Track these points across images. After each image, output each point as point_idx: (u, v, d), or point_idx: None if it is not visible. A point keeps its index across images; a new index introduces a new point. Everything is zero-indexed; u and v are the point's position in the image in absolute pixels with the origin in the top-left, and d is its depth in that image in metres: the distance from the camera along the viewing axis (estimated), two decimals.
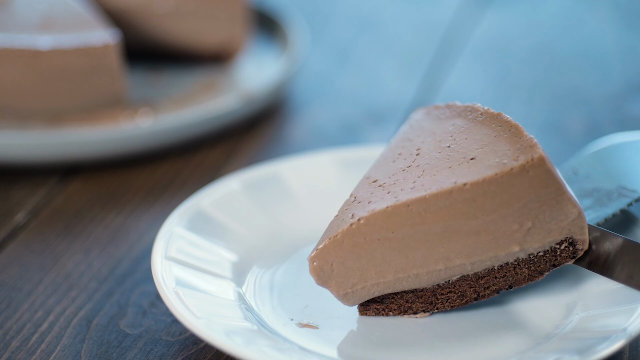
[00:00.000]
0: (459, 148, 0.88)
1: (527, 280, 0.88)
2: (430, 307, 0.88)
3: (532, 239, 0.86)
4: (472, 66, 1.50)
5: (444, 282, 0.87)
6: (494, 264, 0.87)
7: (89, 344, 0.89)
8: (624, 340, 0.80)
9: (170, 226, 0.94)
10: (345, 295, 0.86)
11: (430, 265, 0.86)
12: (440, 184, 0.84)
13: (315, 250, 0.85)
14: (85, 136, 1.17)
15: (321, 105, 1.38)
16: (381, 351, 0.84)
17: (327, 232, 0.86)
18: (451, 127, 0.91)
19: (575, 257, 0.87)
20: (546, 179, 0.84)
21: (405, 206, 0.84)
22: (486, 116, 0.89)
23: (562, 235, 0.86)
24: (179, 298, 0.85)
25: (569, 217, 0.85)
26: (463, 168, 0.85)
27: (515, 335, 0.85)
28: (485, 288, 0.88)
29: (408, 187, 0.85)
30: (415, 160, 0.89)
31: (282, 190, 1.03)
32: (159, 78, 1.37)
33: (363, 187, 0.89)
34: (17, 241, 1.06)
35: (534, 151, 0.83)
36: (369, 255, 0.85)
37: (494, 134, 0.87)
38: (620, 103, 1.38)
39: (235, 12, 1.38)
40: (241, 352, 0.79)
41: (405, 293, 0.87)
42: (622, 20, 1.65)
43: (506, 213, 0.85)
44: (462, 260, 0.86)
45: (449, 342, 0.85)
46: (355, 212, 0.85)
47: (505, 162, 0.84)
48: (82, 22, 1.25)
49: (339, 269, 0.85)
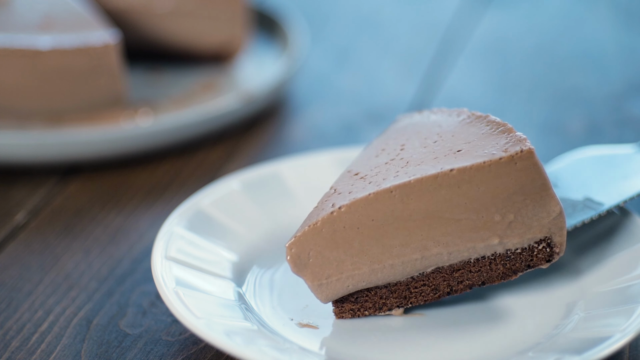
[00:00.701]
0: (445, 143, 0.88)
1: (501, 278, 0.88)
2: (404, 301, 0.88)
3: (512, 233, 0.86)
4: (472, 66, 1.50)
5: (418, 274, 0.87)
6: (471, 255, 0.87)
7: (89, 344, 0.89)
8: (624, 340, 0.80)
9: (170, 226, 0.94)
10: (319, 286, 0.86)
11: (407, 254, 0.86)
12: (425, 171, 0.84)
13: (294, 237, 0.85)
14: (85, 136, 1.17)
15: (321, 105, 1.38)
16: (381, 351, 0.84)
17: (306, 221, 0.85)
18: (437, 128, 0.91)
19: (551, 260, 0.87)
20: (533, 172, 0.84)
21: (388, 192, 0.84)
22: (474, 118, 0.90)
23: (542, 233, 0.86)
24: (179, 298, 0.85)
25: (551, 214, 0.86)
26: (449, 158, 0.85)
27: (516, 335, 0.85)
28: (459, 282, 0.88)
29: (391, 176, 0.85)
30: (399, 154, 0.89)
31: (282, 190, 1.03)
32: (159, 78, 1.37)
33: (344, 179, 0.88)
34: (17, 241, 1.06)
35: (523, 144, 0.84)
36: (347, 244, 0.85)
37: (482, 132, 0.87)
38: (620, 103, 1.38)
39: (235, 12, 1.38)
40: (241, 352, 0.79)
41: (378, 289, 0.87)
42: (622, 20, 1.65)
43: (490, 203, 0.85)
44: (440, 249, 0.86)
45: (449, 341, 0.85)
46: (335, 201, 0.85)
47: (493, 153, 0.84)
48: (82, 22, 1.25)
49: (315, 258, 0.85)
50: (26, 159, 1.16)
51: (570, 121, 1.33)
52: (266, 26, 1.48)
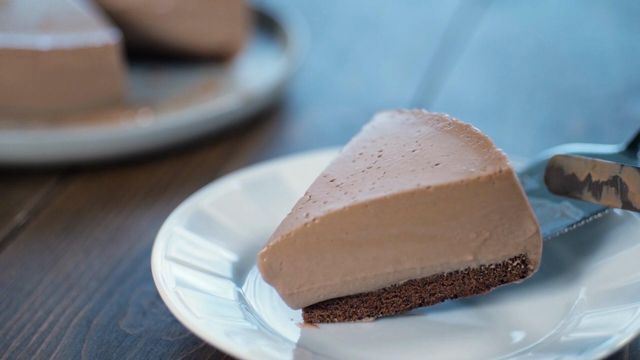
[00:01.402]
0: (423, 153, 0.86)
1: (474, 291, 0.87)
2: (375, 311, 0.87)
3: (487, 250, 0.86)
4: (472, 66, 1.50)
5: (390, 285, 0.86)
6: (444, 270, 0.86)
7: (89, 344, 0.89)
8: (624, 340, 0.80)
9: (170, 226, 0.94)
10: (290, 295, 0.85)
11: (380, 268, 0.85)
12: (402, 185, 0.83)
13: (267, 246, 0.84)
14: (85, 136, 1.17)
15: (321, 105, 1.38)
16: (381, 351, 0.84)
17: (280, 230, 0.85)
18: (416, 133, 0.90)
19: (525, 276, 0.87)
20: (511, 192, 0.83)
21: (363, 207, 0.83)
22: (454, 126, 0.88)
23: (517, 251, 0.86)
24: (179, 298, 0.85)
25: (527, 233, 0.85)
26: (427, 172, 0.84)
27: (516, 335, 0.85)
28: (431, 294, 0.87)
29: (367, 188, 0.84)
30: (376, 162, 0.88)
31: (282, 190, 1.03)
32: (159, 78, 1.37)
33: (319, 185, 0.87)
34: (17, 241, 1.06)
35: (502, 163, 0.83)
36: (319, 256, 0.84)
37: (461, 144, 0.86)
38: (620, 103, 1.38)
39: (235, 12, 1.38)
40: (241, 352, 0.79)
41: (350, 298, 0.87)
42: (622, 20, 1.65)
43: (466, 221, 0.84)
44: (413, 264, 0.85)
45: (449, 341, 0.85)
46: (310, 211, 0.84)
47: (472, 171, 0.83)
48: (82, 22, 1.25)
49: (287, 268, 0.85)
50: (26, 159, 1.16)
51: (570, 121, 1.33)
52: (266, 26, 1.48)
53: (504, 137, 1.28)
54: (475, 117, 1.35)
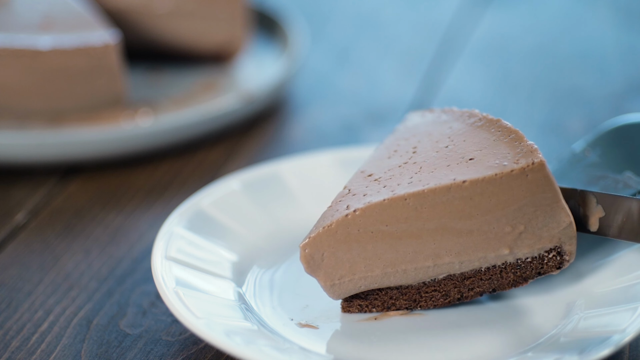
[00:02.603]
0: (457, 149, 0.88)
1: (512, 285, 0.88)
2: (414, 304, 0.88)
3: (522, 243, 0.86)
4: (472, 66, 1.50)
5: (429, 279, 0.87)
6: (482, 265, 0.87)
7: (89, 344, 0.89)
8: (624, 340, 0.80)
9: (170, 226, 0.94)
10: (332, 286, 0.86)
11: (420, 261, 0.86)
12: (439, 180, 0.85)
13: (308, 237, 0.85)
14: (85, 136, 1.17)
15: (321, 105, 1.38)
16: (381, 351, 0.84)
17: (321, 222, 0.86)
18: (448, 130, 0.91)
19: (561, 267, 0.88)
20: (544, 184, 0.84)
21: (402, 199, 0.84)
22: (485, 121, 0.90)
23: (552, 243, 0.87)
24: (179, 298, 0.85)
25: (561, 225, 0.86)
26: (462, 167, 0.86)
27: (516, 335, 0.85)
28: (470, 289, 0.88)
29: (405, 182, 0.86)
30: (411, 157, 0.89)
31: (282, 190, 1.03)
32: (159, 78, 1.37)
33: (357, 180, 0.89)
34: (17, 241, 1.06)
35: (534, 156, 0.84)
36: (360, 247, 0.85)
37: (493, 138, 0.88)
38: (620, 103, 1.38)
39: (235, 12, 1.38)
40: (241, 352, 0.79)
41: (389, 289, 0.88)
42: (622, 20, 1.65)
43: (501, 214, 0.85)
44: (452, 258, 0.86)
45: (448, 341, 0.85)
46: (350, 203, 0.85)
47: (505, 164, 0.84)
48: (82, 22, 1.25)
49: (329, 259, 0.85)
50: (26, 159, 1.16)
51: (570, 121, 1.33)
52: (266, 26, 1.48)
53: None
54: None
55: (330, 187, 1.03)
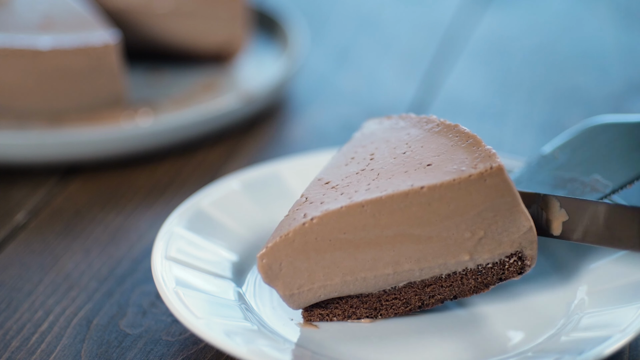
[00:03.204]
0: (414, 155, 0.87)
1: (473, 291, 0.88)
2: (374, 312, 0.88)
3: (482, 249, 0.86)
4: (472, 66, 1.50)
5: (390, 287, 0.87)
6: (442, 272, 0.87)
7: (89, 344, 0.89)
8: (624, 340, 0.80)
9: (170, 226, 0.94)
10: (291, 296, 0.85)
11: (379, 269, 0.86)
12: (396, 186, 0.84)
13: (265, 247, 0.84)
14: (85, 136, 1.17)
15: (321, 105, 1.38)
16: (381, 351, 0.84)
17: (278, 231, 0.85)
18: (406, 136, 0.90)
19: (523, 272, 0.87)
20: (503, 189, 0.84)
21: (360, 207, 0.83)
22: (443, 127, 0.89)
23: (513, 248, 0.86)
24: (179, 298, 0.85)
25: (521, 229, 0.86)
26: (420, 173, 0.85)
27: (516, 335, 0.85)
28: (431, 296, 0.87)
29: (362, 189, 0.85)
30: (369, 164, 0.88)
31: (282, 190, 1.03)
32: (159, 78, 1.37)
33: (315, 188, 0.88)
34: (17, 241, 1.06)
35: (492, 160, 0.83)
36: (318, 256, 0.85)
37: (450, 143, 0.87)
38: (620, 103, 1.38)
39: (235, 12, 1.38)
40: (241, 352, 0.79)
41: (350, 298, 0.87)
42: (622, 20, 1.65)
43: (460, 220, 0.84)
44: (411, 265, 0.86)
45: (448, 341, 0.85)
46: (307, 211, 0.84)
47: (463, 169, 0.83)
48: (82, 22, 1.25)
49: (287, 269, 0.85)
50: (26, 159, 1.16)
51: (570, 121, 1.33)
52: (266, 26, 1.48)
53: (504, 137, 1.28)
54: (475, 117, 1.35)
55: None
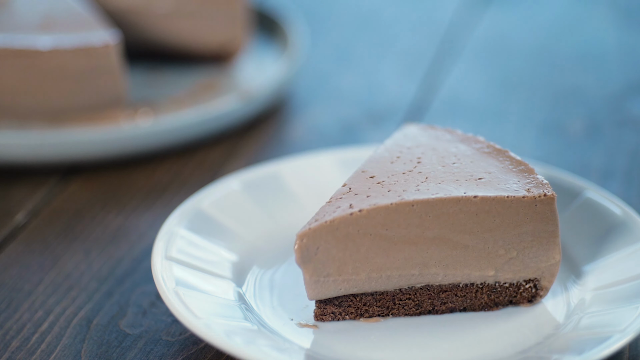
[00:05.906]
0: (464, 167, 0.89)
1: (482, 308, 0.89)
2: (386, 311, 0.88)
3: (509, 268, 0.88)
4: (472, 66, 1.50)
5: (407, 287, 0.87)
6: (462, 280, 0.87)
7: (89, 344, 0.89)
8: (624, 340, 0.80)
9: (170, 226, 0.94)
10: (316, 282, 0.85)
11: (407, 268, 0.86)
12: (448, 191, 0.85)
13: (307, 228, 0.84)
14: (85, 136, 1.17)
15: (321, 105, 1.38)
16: (381, 351, 0.84)
17: (319, 215, 0.85)
18: (454, 149, 0.92)
19: (533, 301, 0.89)
20: (549, 217, 0.86)
21: (410, 205, 0.84)
22: (492, 149, 0.91)
23: (534, 274, 0.88)
24: (179, 298, 0.85)
25: (550, 260, 0.88)
26: (471, 184, 0.86)
27: (516, 335, 0.85)
28: (443, 303, 0.88)
29: (412, 189, 0.86)
30: (416, 167, 0.89)
31: (282, 190, 1.03)
32: (159, 78, 1.37)
33: (358, 179, 0.88)
34: (17, 241, 1.06)
35: (546, 188, 0.86)
36: (354, 248, 0.85)
37: (501, 165, 0.89)
38: (620, 103, 1.38)
39: (235, 12, 1.38)
40: (241, 352, 0.79)
41: (364, 296, 0.87)
42: (622, 20, 1.65)
43: (500, 236, 0.86)
44: (438, 269, 0.87)
45: (449, 342, 0.85)
46: (353, 202, 0.85)
47: (516, 189, 0.86)
48: (82, 22, 1.25)
49: (322, 254, 0.85)
50: (26, 159, 1.16)
51: (570, 121, 1.33)
52: (266, 26, 1.48)
53: (505, 137, 1.28)
54: (475, 117, 1.35)
55: (330, 187, 1.03)
